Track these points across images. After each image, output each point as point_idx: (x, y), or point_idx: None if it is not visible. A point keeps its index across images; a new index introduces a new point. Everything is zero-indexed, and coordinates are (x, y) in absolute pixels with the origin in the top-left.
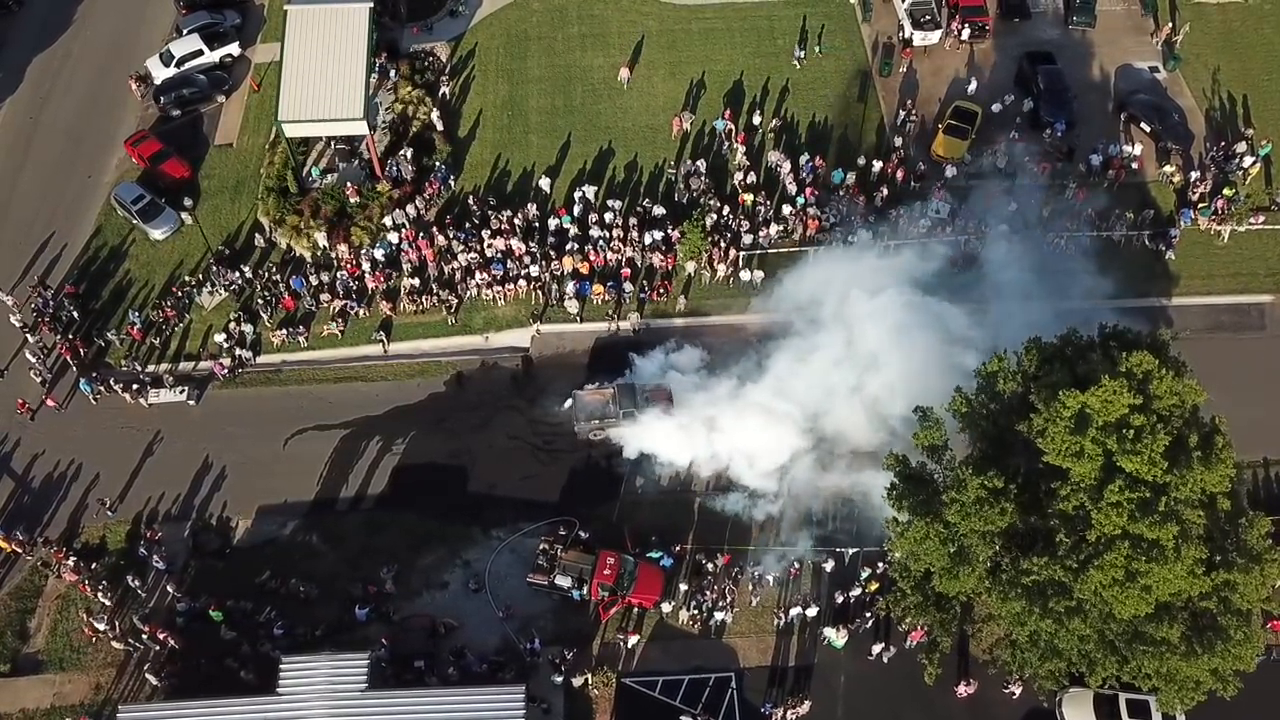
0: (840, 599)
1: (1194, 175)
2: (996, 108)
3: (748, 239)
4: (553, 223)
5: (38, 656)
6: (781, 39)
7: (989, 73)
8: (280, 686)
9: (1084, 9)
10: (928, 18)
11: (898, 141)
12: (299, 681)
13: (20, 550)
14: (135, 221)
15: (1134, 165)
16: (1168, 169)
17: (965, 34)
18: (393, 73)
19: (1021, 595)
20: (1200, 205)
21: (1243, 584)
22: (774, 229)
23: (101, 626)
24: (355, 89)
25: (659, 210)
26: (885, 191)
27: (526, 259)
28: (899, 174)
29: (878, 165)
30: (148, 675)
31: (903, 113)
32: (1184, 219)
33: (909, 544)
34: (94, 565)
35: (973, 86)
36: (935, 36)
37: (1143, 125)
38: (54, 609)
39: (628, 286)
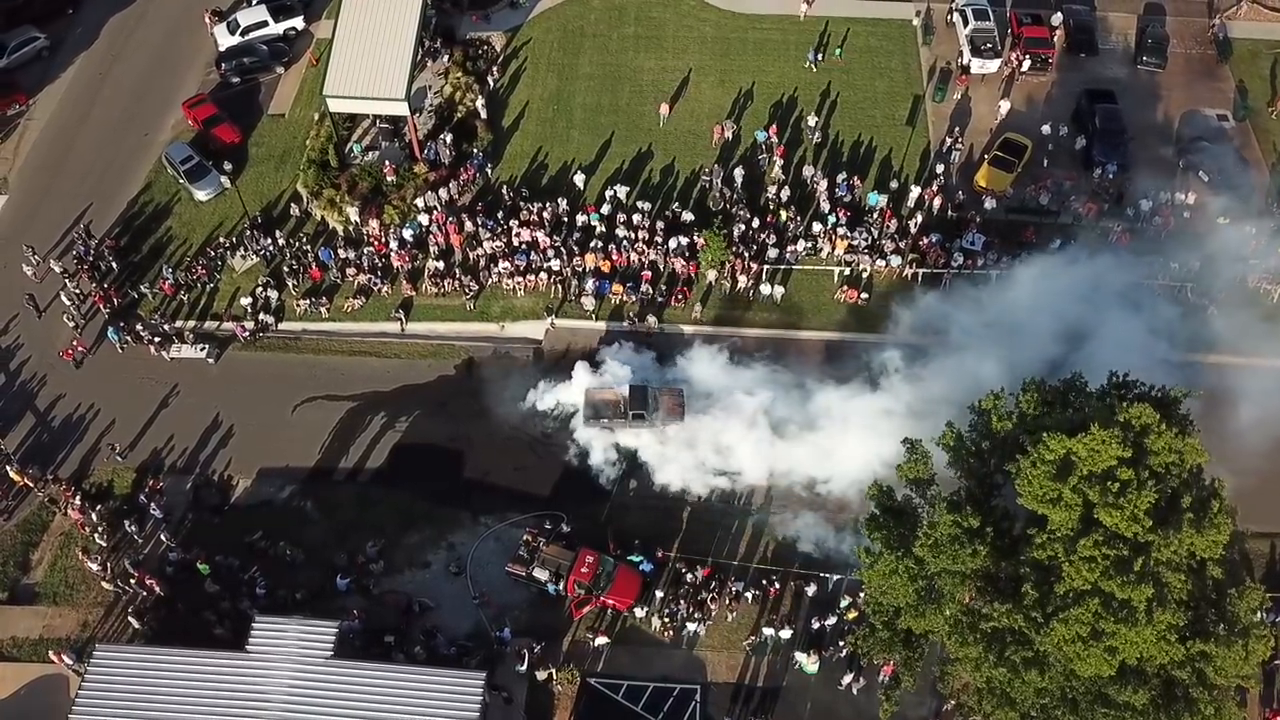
0: (817, 625)
1: (1249, 229)
2: (1046, 130)
3: (773, 253)
4: (581, 219)
5: (34, 588)
6: (837, 55)
7: (1045, 107)
8: (250, 644)
9: (1155, 50)
10: (988, 45)
11: (940, 169)
12: (268, 642)
13: (32, 485)
14: (182, 181)
15: (1185, 214)
16: (1221, 220)
17: (1026, 65)
18: (446, 58)
19: (980, 640)
20: (1253, 261)
21: (1220, 657)
22: (801, 245)
23: (95, 567)
24: (400, 70)
25: (688, 216)
26: (920, 218)
27: (550, 252)
28: (936, 201)
29: (916, 190)
30: (130, 618)
31: (949, 140)
32: None
33: (877, 576)
34: (98, 507)
35: (1025, 119)
36: (994, 65)
37: (1200, 174)
38: (56, 545)
39: (646, 289)
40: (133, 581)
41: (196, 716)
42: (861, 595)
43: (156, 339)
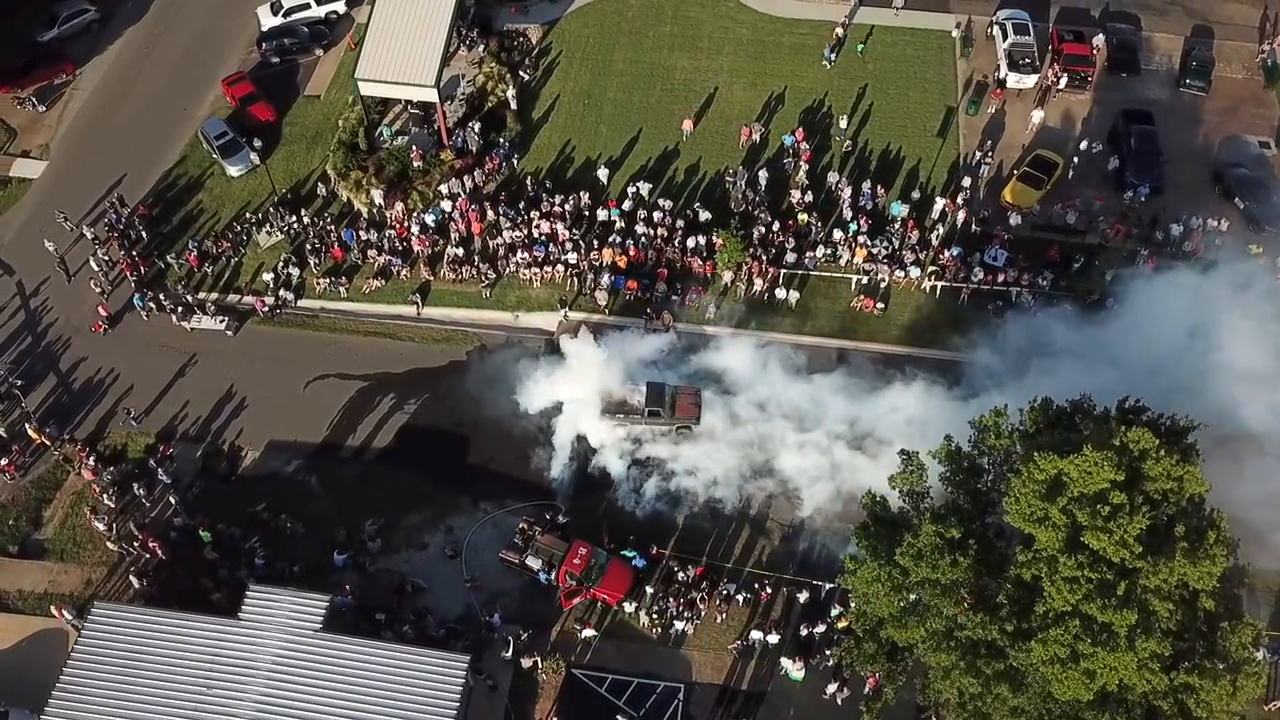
0: (805, 632)
1: None
2: (1081, 148)
3: (791, 257)
4: (601, 213)
5: (44, 544)
6: (872, 64)
7: (1080, 125)
8: (242, 612)
9: (1198, 73)
10: (1026, 60)
11: (967, 182)
12: (260, 611)
13: (49, 444)
14: (215, 156)
15: (1218, 241)
16: (1253, 249)
17: (1063, 82)
18: (481, 48)
19: (953, 649)
20: None
21: (1205, 690)
22: (820, 251)
23: (101, 527)
24: (432, 57)
25: (705, 215)
26: (941, 230)
27: (568, 244)
28: (960, 215)
29: (940, 203)
30: (131, 577)
31: (979, 153)
32: None
33: (860, 583)
34: (110, 469)
35: (1059, 136)
36: (1030, 81)
37: (1236, 201)
38: (67, 503)
39: (662, 286)
40: (136, 544)
41: (186, 677)
42: (852, 604)
43: (179, 309)
